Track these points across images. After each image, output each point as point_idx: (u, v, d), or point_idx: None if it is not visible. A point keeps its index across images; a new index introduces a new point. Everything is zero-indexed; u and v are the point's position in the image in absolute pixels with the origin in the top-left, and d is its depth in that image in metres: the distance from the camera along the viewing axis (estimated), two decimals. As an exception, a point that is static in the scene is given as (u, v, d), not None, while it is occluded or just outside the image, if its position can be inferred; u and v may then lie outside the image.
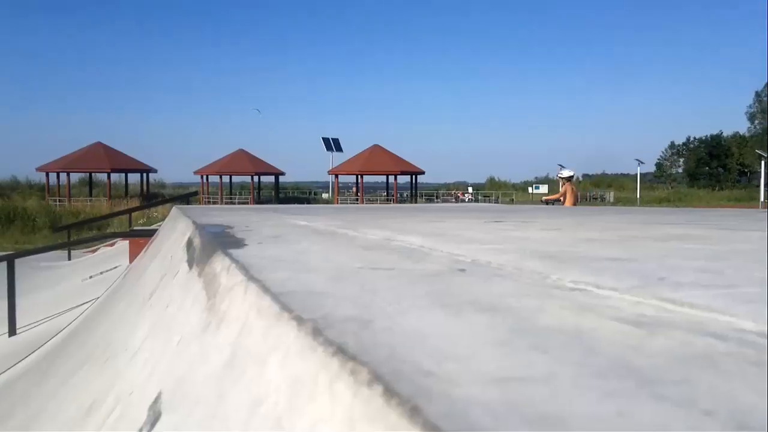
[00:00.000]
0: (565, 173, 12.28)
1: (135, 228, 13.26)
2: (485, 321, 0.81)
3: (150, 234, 6.73)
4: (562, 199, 11.96)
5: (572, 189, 12.13)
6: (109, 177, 46.51)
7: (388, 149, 48.70)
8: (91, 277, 8.92)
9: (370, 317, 0.82)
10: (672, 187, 75.18)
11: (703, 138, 78.90)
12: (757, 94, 62.25)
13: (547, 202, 12.63)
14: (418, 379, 0.56)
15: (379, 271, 1.29)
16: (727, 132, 76.19)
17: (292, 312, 0.85)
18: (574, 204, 11.77)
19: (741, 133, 70.67)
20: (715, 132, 77.71)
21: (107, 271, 8.87)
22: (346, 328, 0.75)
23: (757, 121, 62.99)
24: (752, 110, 62.37)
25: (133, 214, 16.63)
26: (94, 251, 14.13)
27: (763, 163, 43.99)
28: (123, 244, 10.32)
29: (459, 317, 0.84)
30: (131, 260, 7.17)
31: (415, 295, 0.99)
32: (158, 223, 13.31)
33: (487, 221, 3.29)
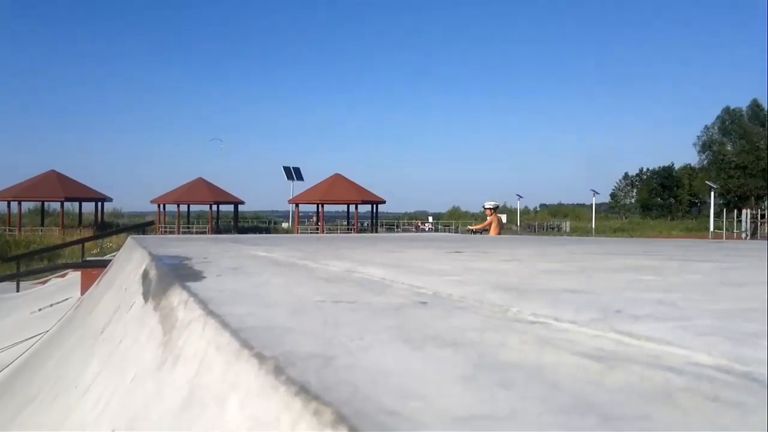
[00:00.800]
0: (490, 204, 13.25)
1: (88, 258, 12.92)
2: (448, 356, 0.81)
3: (103, 265, 6.57)
4: (488, 228, 12.87)
5: (498, 219, 13.10)
6: (62, 206, 45.42)
7: (349, 178, 48.81)
8: (40, 309, 8.63)
9: (333, 353, 0.81)
10: (626, 218, 77.03)
11: (656, 169, 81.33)
12: (706, 127, 64.63)
13: (474, 232, 13.56)
14: (382, 419, 0.55)
15: (341, 304, 1.28)
16: (678, 163, 78.74)
17: (252, 349, 0.84)
18: (499, 233, 12.67)
19: (691, 165, 73.08)
20: (666, 163, 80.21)
21: (57, 303, 8.59)
22: (309, 366, 0.74)
23: (705, 154, 65.31)
24: (702, 141, 64.67)
25: (86, 244, 16.22)
26: (44, 282, 13.70)
27: (712, 193, 45.52)
28: (75, 275, 10.04)
29: (422, 352, 0.83)
30: (83, 292, 6.97)
31: (378, 330, 0.99)
32: (112, 254, 13.00)
33: (447, 252, 3.31)
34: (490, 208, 13.10)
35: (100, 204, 49.27)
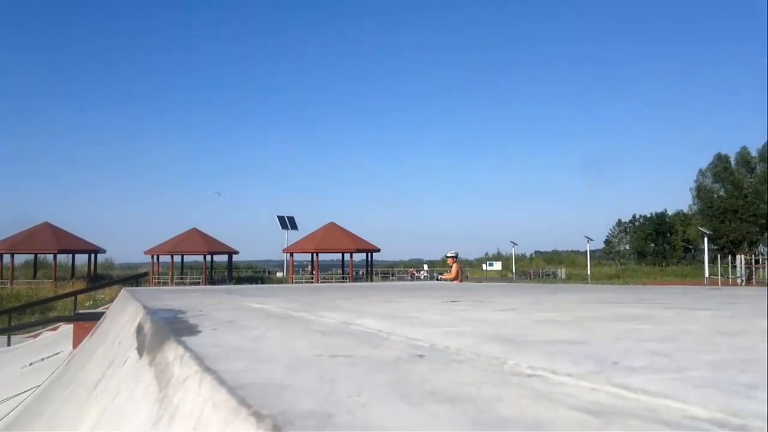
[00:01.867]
0: (452, 253, 14.61)
1: (80, 311, 12.79)
2: (447, 412, 0.81)
3: (96, 318, 6.51)
4: (455, 276, 14.18)
5: (459, 266, 14.44)
6: (55, 258, 45.20)
7: (343, 227, 48.87)
8: (31, 364, 8.49)
9: (331, 411, 0.81)
10: (621, 264, 77.06)
11: (649, 216, 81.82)
12: (701, 171, 65.38)
13: (439, 278, 15.50)
14: (381, 480, 0.55)
15: (338, 358, 1.27)
16: (671, 209, 79.30)
17: (250, 407, 0.84)
18: (461, 280, 13.99)
19: (684, 211, 73.61)
20: (659, 210, 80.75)
21: (49, 357, 8.47)
22: (307, 425, 0.74)
23: (697, 200, 65.88)
24: (696, 186, 65.34)
25: (78, 296, 16.08)
26: (35, 336, 13.52)
27: (705, 239, 45.69)
28: (67, 329, 9.92)
29: (420, 408, 0.83)
30: (75, 345, 6.88)
31: (375, 385, 0.99)
32: (105, 306, 12.89)
33: (443, 301, 3.31)
34: (451, 257, 14.46)
35: (93, 255, 49.06)
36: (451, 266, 14.18)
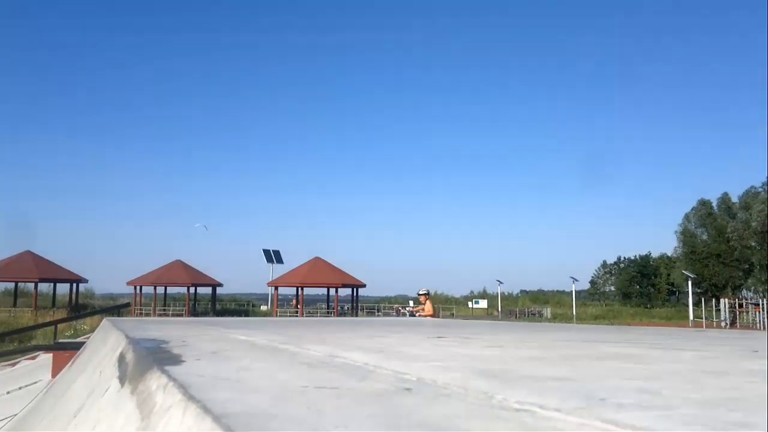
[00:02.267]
0: (423, 290, 15.61)
1: (60, 341, 12.57)
2: (434, 444, 0.80)
3: (77, 347, 6.40)
4: (428, 311, 15.07)
5: (429, 302, 15.50)
6: (36, 287, 44.58)
7: (329, 261, 48.71)
8: (8, 392, 8.30)
9: (318, 441, 0.80)
10: (606, 305, 77.22)
11: (633, 258, 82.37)
12: (686, 216, 66.12)
13: (414, 314, 16.00)
14: None
15: (325, 390, 1.26)
16: (655, 251, 79.89)
17: (236, 435, 0.82)
18: (433, 315, 15.08)
19: (668, 255, 74.14)
20: (644, 252, 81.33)
21: (27, 386, 8.29)
22: (294, 453, 0.73)
23: (681, 244, 66.46)
24: (681, 230, 65.99)
25: (59, 326, 15.82)
26: (13, 365, 13.23)
27: (690, 282, 45.95)
28: (46, 358, 9.73)
29: (408, 440, 0.82)
30: (54, 374, 6.75)
31: (363, 417, 0.97)
32: (86, 336, 12.67)
33: (429, 337, 3.29)
34: (424, 294, 15.39)
35: (74, 285, 48.46)
36: (424, 303, 14.99)
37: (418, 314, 15.41)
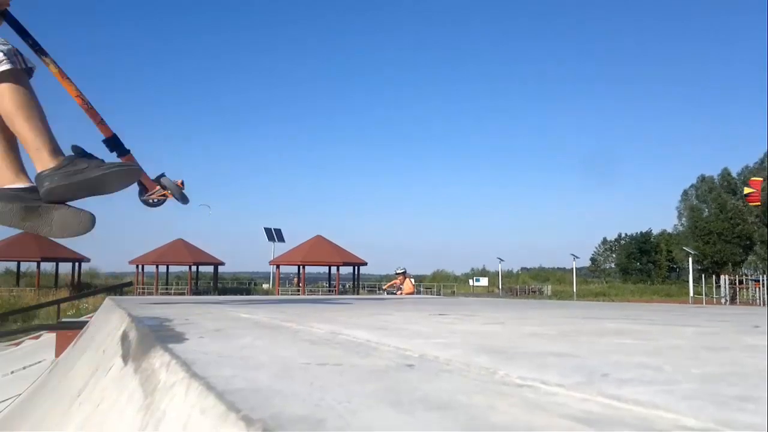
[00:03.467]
0: (401, 269, 16.39)
1: (63, 320, 12.65)
2: (438, 419, 0.81)
3: (80, 326, 6.43)
4: (400, 287, 15.86)
5: (409, 280, 16.37)
6: (38, 266, 44.75)
7: (330, 240, 48.79)
8: (12, 372, 8.37)
9: (322, 416, 0.80)
10: (606, 282, 77.46)
11: (634, 235, 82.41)
12: (685, 192, 66.09)
13: (387, 291, 17.44)
14: (374, 483, 0.55)
15: (327, 366, 1.27)
16: (656, 228, 79.95)
17: (239, 411, 0.83)
18: (412, 292, 16.08)
19: (668, 231, 74.23)
20: (644, 229, 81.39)
21: (30, 365, 8.35)
22: (298, 428, 0.73)
23: (683, 219, 66.54)
24: (682, 206, 66.05)
25: (61, 305, 15.91)
26: (17, 344, 13.33)
27: (690, 259, 46.07)
28: (49, 337, 9.79)
29: (411, 415, 0.83)
30: (58, 354, 6.80)
31: (366, 393, 0.98)
32: (89, 315, 12.75)
33: (431, 314, 3.30)
34: (401, 273, 16.14)
35: (77, 264, 48.62)
36: (402, 282, 15.64)
37: (398, 292, 15.83)
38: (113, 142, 3.92)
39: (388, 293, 17.20)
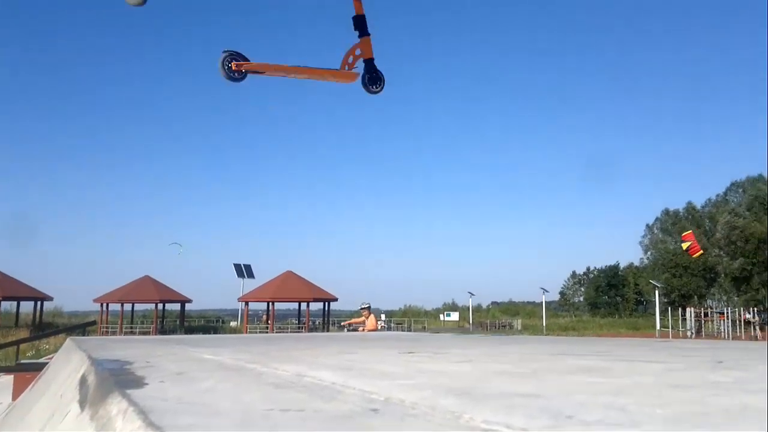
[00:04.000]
0: (365, 304, 16.51)
1: (22, 362, 12.24)
2: (399, 470, 0.79)
3: (39, 368, 6.24)
4: (362, 324, 15.90)
5: (373, 316, 16.26)
6: (-2, 305, 43.40)
7: (301, 275, 48.38)
8: (-35, 417, 8.03)
9: (279, 469, 0.78)
10: (575, 315, 78.07)
11: (602, 268, 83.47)
12: (648, 227, 67.38)
13: (349, 328, 17.19)
14: None
15: (290, 413, 1.24)
16: (623, 262, 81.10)
17: (194, 465, 0.80)
18: (376, 328, 15.72)
19: (635, 264, 75.34)
20: (612, 262, 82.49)
21: (-14, 409, 8.03)
22: (253, 484, 0.71)
23: (649, 252, 67.74)
24: (644, 241, 67.27)
25: (21, 345, 15.41)
26: (-28, 387, 12.83)
27: (657, 292, 46.70)
28: (6, 379, 9.45)
29: (372, 466, 0.81)
30: (15, 397, 6.56)
31: (327, 441, 0.96)
32: (49, 356, 12.37)
33: (400, 352, 3.27)
34: (365, 308, 16.23)
35: (39, 303, 47.31)
36: (367, 317, 15.63)
37: (360, 329, 15.79)
38: (359, 21, 4.84)
39: (348, 329, 17.14)
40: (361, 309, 16.22)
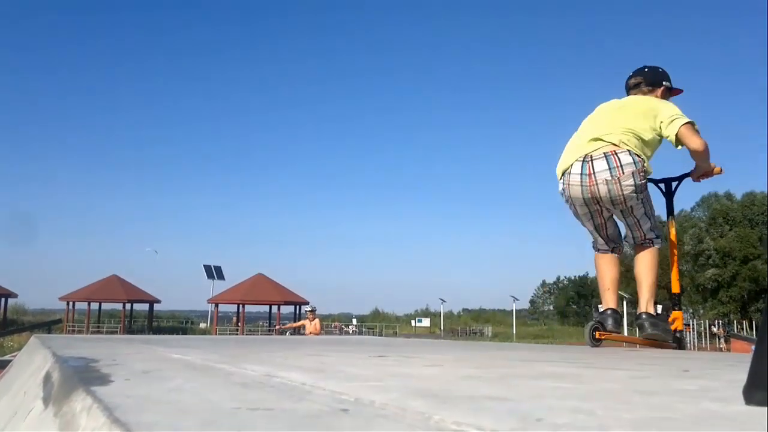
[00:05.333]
0: (310, 307, 16.32)
1: (-16, 358, 11.94)
2: (367, 468, 0.78)
3: (2, 366, 6.09)
4: (302, 327, 15.83)
5: (318, 319, 15.95)
6: (-40, 301, 42.37)
7: (272, 278, 48.07)
8: None
9: (246, 466, 0.77)
10: (545, 324, 78.80)
11: (572, 278, 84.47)
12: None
13: (280, 331, 17.03)
14: None
15: (258, 411, 1.22)
16: (592, 272, 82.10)
17: (159, 461, 0.78)
18: (319, 332, 15.57)
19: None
20: (582, 273, 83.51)
21: (-56, 408, 7.82)
22: (219, 480, 0.70)
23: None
24: None
25: (-17, 342, 15.05)
26: (-70, 385, 12.50)
27: (625, 303, 47.39)
28: (-33, 377, 9.22)
29: (340, 464, 0.80)
30: (-25, 396, 6.40)
31: (295, 440, 0.95)
32: (13, 354, 12.11)
33: (370, 355, 3.27)
34: (311, 311, 16.02)
35: (3, 300, 46.28)
36: (312, 320, 15.57)
37: (307, 333, 15.68)
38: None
39: (280, 333, 17.11)
40: (307, 312, 16.20)
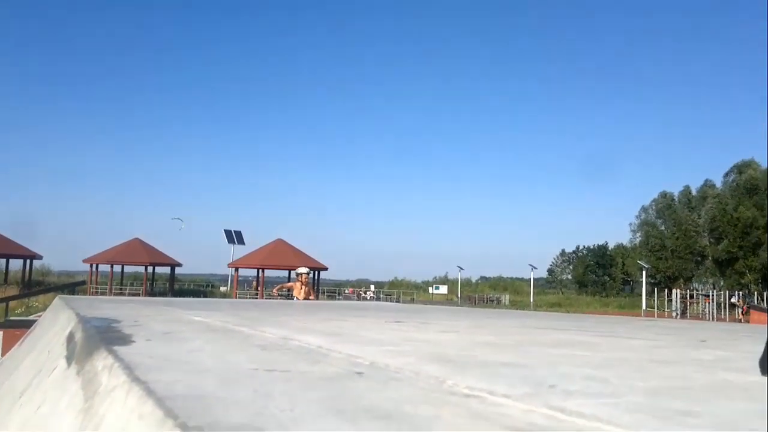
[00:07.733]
0: (303, 270, 15.67)
1: (11, 318, 12.25)
2: (380, 429, 0.79)
3: (28, 325, 6.26)
4: (291, 290, 15.36)
5: (308, 283, 15.63)
6: (-13, 262, 43.27)
7: (291, 244, 48.42)
8: (-47, 371, 8.07)
9: (262, 425, 0.78)
10: (563, 293, 78.70)
11: (591, 247, 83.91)
12: (643, 208, 67.62)
13: (280, 294, 16.56)
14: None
15: (275, 373, 1.24)
16: (612, 242, 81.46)
17: (177, 418, 0.80)
18: (307, 297, 14.93)
19: (624, 245, 75.74)
20: (601, 242, 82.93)
21: (-27, 364, 8.06)
22: (235, 437, 0.71)
23: (639, 234, 68.08)
24: (639, 221, 67.58)
25: (10, 303, 15.42)
26: (-40, 342, 12.87)
27: (644, 272, 47.09)
28: (-5, 335, 9.48)
29: (354, 424, 0.81)
30: (4, 353, 6.59)
31: (310, 401, 0.96)
32: (38, 314, 12.40)
33: (387, 321, 3.30)
34: (304, 274, 15.53)
35: (28, 261, 47.19)
36: (305, 283, 15.11)
37: (296, 297, 15.41)
38: None
39: (280, 296, 16.59)
40: (299, 274, 15.68)
